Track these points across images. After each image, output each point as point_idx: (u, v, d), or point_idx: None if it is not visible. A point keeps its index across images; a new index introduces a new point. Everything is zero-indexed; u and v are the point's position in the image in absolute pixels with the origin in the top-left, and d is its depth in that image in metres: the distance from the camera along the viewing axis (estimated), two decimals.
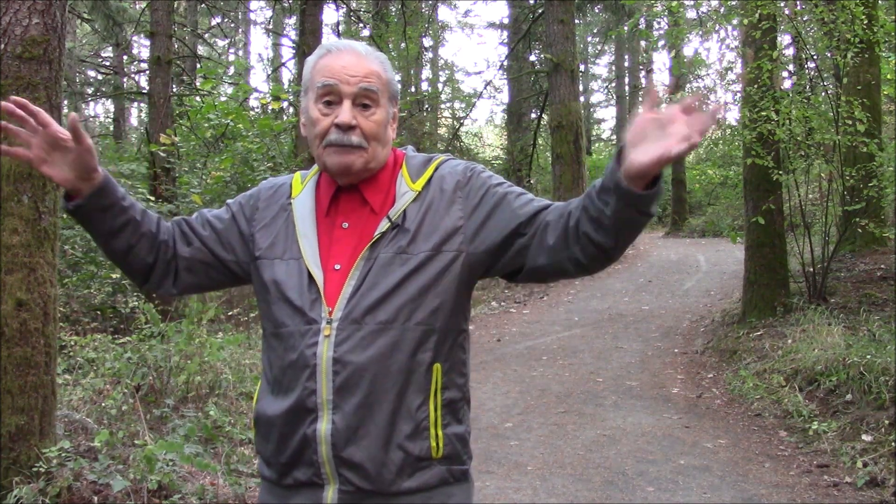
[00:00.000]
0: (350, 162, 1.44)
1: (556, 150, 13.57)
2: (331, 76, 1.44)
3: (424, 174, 1.50)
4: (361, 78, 1.45)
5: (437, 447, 1.42)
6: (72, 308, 6.43)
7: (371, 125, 1.45)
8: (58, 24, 3.29)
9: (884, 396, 4.76)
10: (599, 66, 30.91)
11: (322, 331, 1.41)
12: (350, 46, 1.49)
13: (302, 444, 1.42)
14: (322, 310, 1.42)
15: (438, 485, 1.44)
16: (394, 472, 1.40)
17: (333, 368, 1.39)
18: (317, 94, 1.46)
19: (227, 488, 3.65)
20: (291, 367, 1.43)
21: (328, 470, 1.41)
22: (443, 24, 24.17)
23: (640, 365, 7.01)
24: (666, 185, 18.43)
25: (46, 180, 3.26)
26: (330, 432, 1.39)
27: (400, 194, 1.48)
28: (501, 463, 4.56)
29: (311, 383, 1.40)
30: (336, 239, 1.47)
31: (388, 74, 1.50)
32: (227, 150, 8.07)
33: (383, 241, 1.43)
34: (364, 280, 1.42)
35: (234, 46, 24.96)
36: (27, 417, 3.18)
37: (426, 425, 1.42)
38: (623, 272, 12.91)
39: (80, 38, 19.05)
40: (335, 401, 1.39)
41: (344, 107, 1.44)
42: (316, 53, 1.52)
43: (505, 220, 1.45)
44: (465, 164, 1.53)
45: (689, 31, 10.16)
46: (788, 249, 7.92)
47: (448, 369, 1.45)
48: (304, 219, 1.50)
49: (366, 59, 1.47)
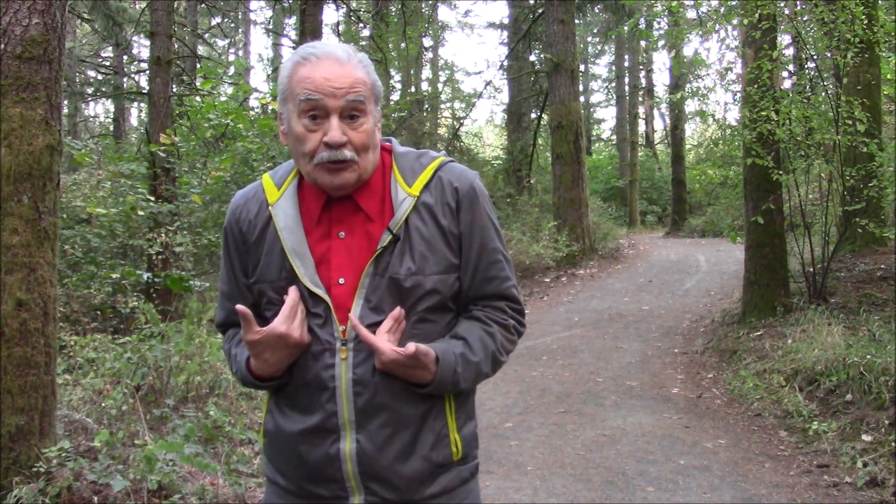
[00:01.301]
0: (344, 181, 1.39)
1: (556, 150, 13.57)
2: (314, 89, 1.36)
3: (422, 176, 1.45)
4: (348, 89, 1.37)
5: (457, 451, 1.46)
6: (72, 308, 6.43)
7: (361, 136, 1.39)
8: (58, 24, 3.29)
9: (884, 396, 4.76)
10: (599, 66, 30.97)
11: (338, 352, 1.39)
12: (329, 53, 1.39)
13: (324, 462, 1.41)
14: (334, 329, 1.40)
15: (457, 486, 1.47)
16: (418, 482, 1.42)
17: (354, 390, 1.38)
18: (299, 107, 1.38)
19: (227, 488, 3.65)
20: (307, 388, 1.42)
21: (353, 484, 1.41)
22: (443, 24, 24.19)
23: (640, 365, 7.01)
24: (666, 185, 18.38)
25: (46, 180, 3.26)
26: (355, 451, 1.39)
27: (398, 201, 1.42)
28: (501, 463, 4.56)
29: (332, 405, 1.39)
30: (334, 250, 1.42)
31: (371, 76, 1.42)
32: (227, 150, 8.06)
33: (386, 255, 1.40)
34: (373, 297, 1.39)
35: (234, 46, 24.97)
36: (27, 417, 3.18)
37: (445, 432, 1.44)
38: (623, 272, 12.92)
39: (80, 38, 19.06)
40: (358, 420, 1.39)
41: (332, 123, 1.36)
42: (292, 60, 1.41)
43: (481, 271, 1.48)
44: (469, 178, 1.48)
45: (689, 31, 10.16)
46: (788, 249, 7.92)
47: None
48: (292, 232, 1.43)
49: (349, 67, 1.38)
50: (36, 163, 3.22)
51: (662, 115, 28.55)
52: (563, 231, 12.97)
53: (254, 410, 4.93)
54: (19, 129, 3.19)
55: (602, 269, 13.08)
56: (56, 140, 3.31)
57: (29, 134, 3.20)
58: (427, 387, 1.40)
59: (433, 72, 24.89)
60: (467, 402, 1.51)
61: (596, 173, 24.50)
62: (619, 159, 26.03)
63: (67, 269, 7.02)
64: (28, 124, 3.20)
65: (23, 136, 3.19)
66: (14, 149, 3.17)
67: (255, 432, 4.53)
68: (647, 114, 27.70)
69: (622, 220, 21.62)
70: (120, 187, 8.34)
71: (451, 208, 1.43)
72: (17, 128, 3.19)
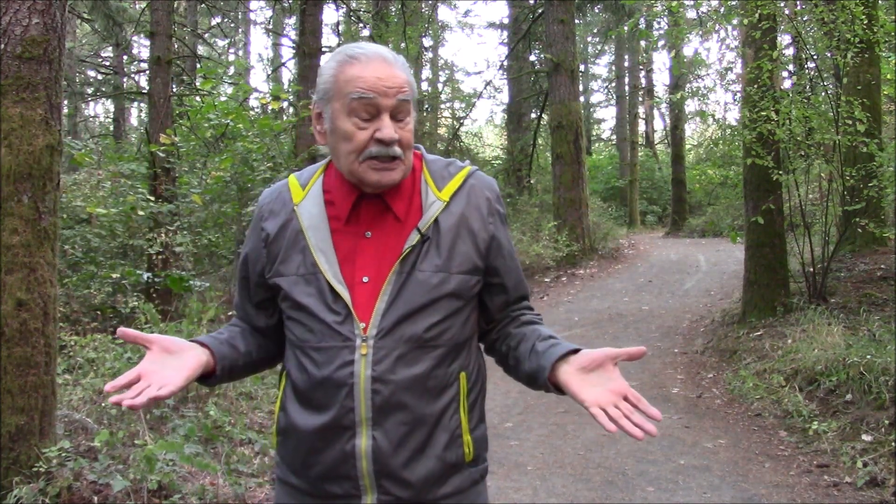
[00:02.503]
0: (392, 179, 1.41)
1: (556, 150, 13.57)
2: (368, 88, 1.37)
3: (452, 183, 1.48)
4: (398, 89, 1.39)
5: (469, 452, 1.47)
6: (72, 308, 6.43)
7: (408, 135, 1.42)
8: (58, 24, 3.29)
9: (884, 396, 4.76)
10: (599, 66, 30.94)
11: (358, 349, 1.39)
12: (378, 53, 1.41)
13: (339, 460, 1.41)
14: (355, 326, 1.40)
15: (469, 487, 1.48)
16: (432, 482, 1.43)
17: (373, 387, 1.38)
18: (349, 105, 1.39)
19: (227, 488, 3.65)
20: (324, 385, 1.41)
21: (367, 483, 1.41)
22: (443, 24, 24.18)
23: (640, 365, 7.01)
24: (666, 185, 18.32)
25: (46, 180, 3.26)
26: (371, 448, 1.39)
27: (427, 204, 1.45)
28: (501, 463, 4.56)
29: (349, 402, 1.39)
30: (361, 249, 1.44)
31: (411, 79, 1.45)
32: (227, 150, 8.05)
33: (413, 255, 1.42)
34: (398, 296, 1.40)
35: (234, 46, 24.97)
36: (27, 417, 3.18)
37: (459, 433, 1.45)
38: (623, 272, 12.92)
39: (80, 38, 19.05)
40: (375, 418, 1.39)
41: (385, 121, 1.39)
42: (337, 60, 1.43)
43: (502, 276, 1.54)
44: (496, 188, 1.55)
45: (689, 31, 10.16)
46: (788, 249, 7.92)
47: (471, 373, 1.49)
48: (317, 229, 1.45)
49: (396, 68, 1.41)
50: (36, 163, 3.22)
51: (662, 115, 28.55)
52: (563, 231, 12.97)
53: (254, 410, 4.93)
54: (19, 129, 3.19)
55: (602, 269, 13.08)
56: (56, 140, 3.31)
57: (29, 134, 3.20)
58: None
59: (433, 72, 24.89)
60: (479, 404, 1.53)
61: (596, 173, 24.50)
62: (619, 159, 26.03)
63: (67, 269, 7.02)
64: (28, 124, 3.20)
65: (23, 136, 3.19)
66: (14, 149, 3.17)
67: (256, 432, 4.53)
68: (647, 114, 27.69)
69: (622, 220, 21.62)
70: (120, 187, 8.34)
71: (482, 214, 1.48)
72: (17, 128, 3.19)
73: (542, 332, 1.50)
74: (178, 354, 1.39)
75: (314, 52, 11.04)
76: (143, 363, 1.36)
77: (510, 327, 1.55)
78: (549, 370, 1.40)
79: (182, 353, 1.40)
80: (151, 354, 1.38)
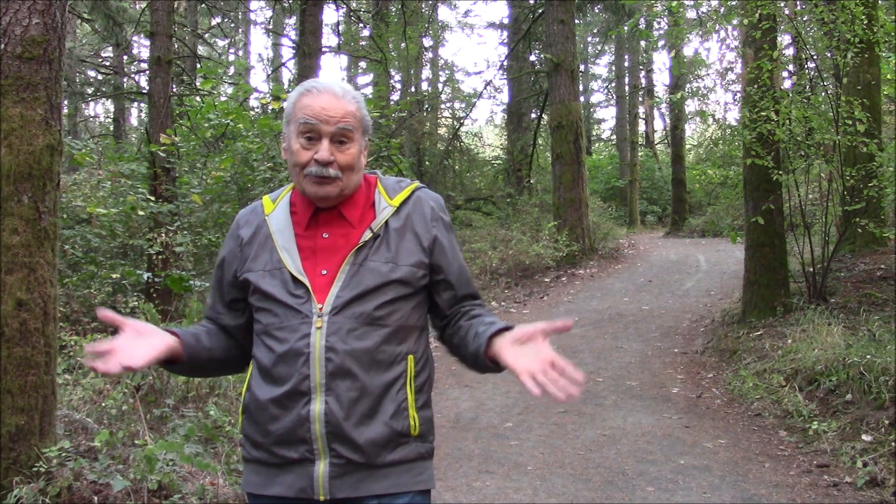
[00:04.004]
0: (327, 192, 1.64)
1: (556, 150, 13.57)
2: (311, 115, 1.63)
3: (401, 194, 1.73)
4: (339, 119, 1.63)
5: (415, 426, 1.64)
6: (72, 308, 6.43)
7: (346, 158, 1.65)
8: (58, 24, 3.29)
9: (884, 396, 4.76)
10: (599, 66, 30.96)
11: (314, 323, 1.60)
12: (328, 88, 1.66)
13: (295, 424, 1.58)
14: (313, 306, 1.61)
15: (415, 459, 1.65)
16: (380, 446, 1.59)
17: (326, 356, 1.58)
18: (298, 129, 1.65)
19: (227, 488, 3.65)
20: (284, 357, 1.60)
21: (320, 446, 1.58)
22: (443, 24, 24.20)
23: (640, 365, 7.01)
24: (666, 185, 18.32)
25: (46, 180, 3.26)
26: (324, 411, 1.57)
27: (380, 209, 1.70)
28: (501, 463, 4.56)
29: (306, 369, 1.58)
30: (320, 248, 1.67)
31: (361, 111, 1.69)
32: (227, 150, 8.06)
33: (365, 249, 1.65)
34: (351, 280, 1.62)
35: (234, 46, 24.97)
36: (27, 417, 3.18)
37: (405, 406, 1.63)
38: (623, 272, 12.92)
39: (80, 38, 19.05)
40: (328, 384, 1.57)
41: (323, 144, 1.63)
42: (297, 91, 1.70)
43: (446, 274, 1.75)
44: (440, 200, 1.78)
45: (689, 31, 10.17)
46: (788, 249, 7.92)
47: (419, 359, 1.68)
48: (282, 233, 1.69)
49: (343, 101, 1.65)
50: (36, 163, 3.22)
51: (662, 115, 28.55)
52: (563, 231, 12.97)
53: None
54: (19, 129, 3.19)
55: (602, 269, 13.08)
56: (56, 140, 3.31)
57: (29, 134, 3.20)
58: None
59: (433, 72, 24.90)
60: (426, 389, 1.70)
61: (596, 173, 24.50)
62: (619, 159, 26.03)
63: (67, 269, 7.03)
64: (28, 124, 3.21)
65: (23, 136, 3.19)
66: (14, 149, 3.17)
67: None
68: (647, 114, 27.69)
69: (622, 220, 21.62)
70: (120, 187, 8.34)
71: (426, 219, 1.71)
72: (18, 128, 3.19)
73: (484, 319, 1.68)
74: (148, 336, 1.57)
75: (314, 52, 11.05)
76: (117, 339, 1.53)
77: (461, 321, 1.73)
78: (486, 346, 1.57)
79: (152, 335, 1.58)
80: (125, 334, 1.55)
